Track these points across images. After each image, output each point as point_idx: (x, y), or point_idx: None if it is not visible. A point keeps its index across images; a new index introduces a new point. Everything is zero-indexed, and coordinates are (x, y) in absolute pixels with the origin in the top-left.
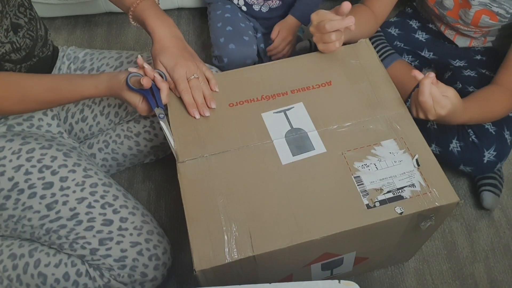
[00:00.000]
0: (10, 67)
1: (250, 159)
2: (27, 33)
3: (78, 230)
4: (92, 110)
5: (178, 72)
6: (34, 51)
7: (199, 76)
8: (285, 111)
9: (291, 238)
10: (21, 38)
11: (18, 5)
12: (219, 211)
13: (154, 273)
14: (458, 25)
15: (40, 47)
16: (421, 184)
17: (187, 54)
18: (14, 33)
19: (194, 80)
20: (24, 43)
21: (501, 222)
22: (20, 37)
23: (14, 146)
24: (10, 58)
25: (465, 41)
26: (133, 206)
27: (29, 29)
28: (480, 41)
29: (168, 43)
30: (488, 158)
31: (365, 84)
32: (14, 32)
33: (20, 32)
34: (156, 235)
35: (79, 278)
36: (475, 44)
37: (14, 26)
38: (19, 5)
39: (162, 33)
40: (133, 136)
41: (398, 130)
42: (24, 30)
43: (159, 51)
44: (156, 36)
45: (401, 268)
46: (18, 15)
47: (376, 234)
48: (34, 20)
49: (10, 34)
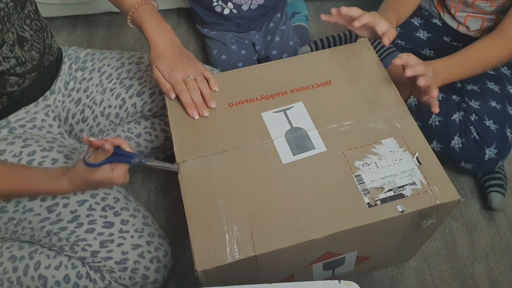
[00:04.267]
0: (15, 80)
1: (251, 158)
2: (33, 45)
3: (78, 232)
4: (93, 110)
5: (174, 76)
6: (41, 63)
7: (197, 76)
8: (285, 111)
9: (293, 238)
10: (26, 51)
11: (24, 17)
12: (220, 211)
13: (155, 275)
14: None
15: (47, 56)
16: (422, 182)
17: (183, 58)
18: (20, 47)
19: (191, 81)
20: (29, 56)
21: (501, 222)
22: (26, 50)
23: (15, 149)
24: (15, 72)
25: (477, 22)
26: (134, 209)
27: (35, 41)
28: (492, 21)
29: (164, 50)
30: (489, 155)
31: (364, 83)
32: (20, 46)
33: (26, 45)
34: (157, 237)
35: (80, 280)
36: (487, 24)
37: (20, 40)
38: (26, 17)
39: (158, 39)
40: (134, 137)
41: (398, 128)
42: (29, 43)
43: (155, 57)
44: (153, 42)
45: (401, 268)
46: (24, 27)
47: (377, 233)
48: (41, 30)
49: (16, 48)
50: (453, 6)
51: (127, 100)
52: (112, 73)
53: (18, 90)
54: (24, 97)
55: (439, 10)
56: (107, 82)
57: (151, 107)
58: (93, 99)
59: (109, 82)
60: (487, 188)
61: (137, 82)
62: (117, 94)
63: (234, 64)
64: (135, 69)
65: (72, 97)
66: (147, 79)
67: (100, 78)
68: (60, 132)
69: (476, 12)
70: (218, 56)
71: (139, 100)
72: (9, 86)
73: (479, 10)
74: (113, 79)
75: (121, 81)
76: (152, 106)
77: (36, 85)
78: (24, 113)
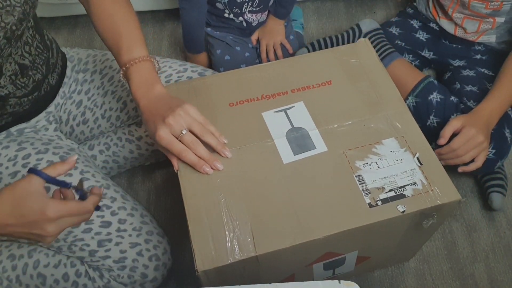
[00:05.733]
0: (15, 102)
1: (251, 158)
2: (36, 68)
3: (76, 232)
4: (93, 113)
5: (160, 137)
6: (43, 83)
7: (192, 126)
8: (286, 110)
9: (294, 238)
10: (27, 77)
11: (23, 44)
12: (220, 211)
13: (154, 273)
14: None
15: (51, 75)
16: (423, 183)
17: (165, 109)
18: (21, 75)
19: (186, 136)
20: (31, 81)
21: (501, 222)
22: (26, 76)
23: (10, 153)
24: (15, 95)
25: (474, 24)
26: (132, 207)
27: (38, 64)
28: (489, 23)
29: (147, 111)
30: (487, 156)
31: (365, 83)
32: (21, 74)
33: (26, 72)
34: (156, 235)
35: (79, 278)
36: (484, 27)
37: (21, 67)
38: (25, 44)
39: (142, 101)
40: (135, 140)
41: (399, 128)
42: (30, 69)
43: (143, 122)
44: (140, 107)
45: (402, 268)
46: (24, 55)
47: (378, 233)
48: (44, 51)
49: (17, 77)
50: (450, 7)
51: (128, 103)
52: (113, 75)
53: (20, 110)
54: (27, 114)
55: (435, 16)
56: (108, 84)
57: None
58: (94, 101)
59: (110, 85)
60: (487, 189)
61: None
62: (118, 97)
63: (238, 65)
64: None
65: (73, 99)
66: None
67: (101, 80)
68: (57, 134)
69: (473, 15)
70: (221, 56)
71: None
72: (10, 107)
73: (475, 12)
74: (115, 82)
75: (123, 84)
76: None
77: (39, 102)
78: (25, 123)
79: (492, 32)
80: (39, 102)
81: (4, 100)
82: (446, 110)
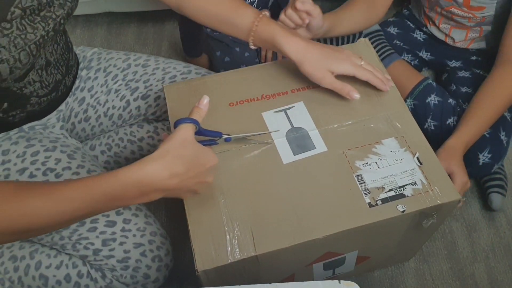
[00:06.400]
0: (36, 101)
1: (251, 158)
2: (57, 67)
3: (81, 231)
4: (96, 110)
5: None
6: (60, 84)
7: None
8: (286, 110)
9: (294, 237)
10: (49, 75)
11: (53, 41)
12: (220, 211)
13: (156, 274)
14: (452, 8)
15: (68, 77)
16: (423, 182)
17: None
18: (46, 71)
19: None
20: (53, 79)
21: (501, 222)
22: (49, 74)
23: (18, 149)
24: (38, 94)
25: (461, 33)
26: (136, 208)
27: (60, 64)
28: (476, 32)
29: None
30: (483, 160)
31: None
32: (46, 70)
33: (50, 69)
34: (159, 236)
35: (81, 279)
36: (472, 35)
37: (47, 64)
38: (54, 42)
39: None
40: (136, 141)
41: (398, 128)
42: (53, 67)
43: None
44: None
45: (401, 268)
46: (52, 52)
47: (378, 233)
48: (66, 52)
49: (42, 73)
50: (436, 18)
51: (131, 102)
52: (118, 74)
53: (37, 109)
54: (41, 113)
55: (427, 23)
56: (112, 82)
57: (155, 110)
58: (97, 99)
59: (114, 83)
60: (487, 189)
61: (143, 85)
62: (121, 96)
63: (238, 66)
64: (141, 72)
65: (76, 96)
66: (153, 82)
67: (105, 78)
68: (62, 132)
69: (459, 25)
70: (221, 57)
71: (143, 103)
72: (30, 106)
73: (460, 24)
74: (119, 80)
75: (127, 83)
76: (156, 110)
77: (54, 101)
78: (38, 121)
79: (480, 39)
80: (54, 102)
81: (27, 99)
82: (443, 113)
